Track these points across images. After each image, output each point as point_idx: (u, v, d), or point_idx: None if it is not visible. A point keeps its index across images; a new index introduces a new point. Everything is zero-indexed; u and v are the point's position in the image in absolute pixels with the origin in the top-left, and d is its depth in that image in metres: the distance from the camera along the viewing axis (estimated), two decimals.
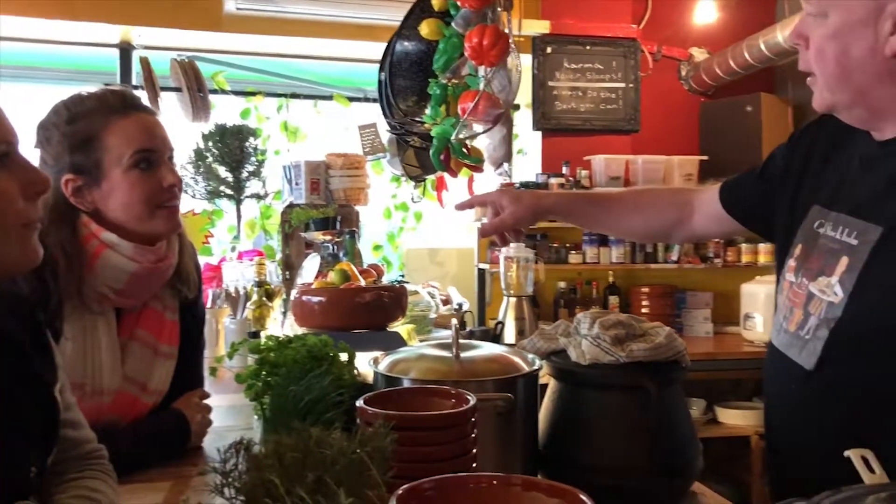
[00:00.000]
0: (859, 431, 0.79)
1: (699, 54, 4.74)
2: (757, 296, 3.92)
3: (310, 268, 2.75)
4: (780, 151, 1.31)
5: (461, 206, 1.58)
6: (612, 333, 1.28)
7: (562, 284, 4.31)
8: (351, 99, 4.53)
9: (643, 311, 4.22)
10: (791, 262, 1.17)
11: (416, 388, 1.08)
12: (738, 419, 3.86)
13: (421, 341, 2.26)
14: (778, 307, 1.20)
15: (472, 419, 0.96)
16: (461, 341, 1.25)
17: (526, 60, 4.31)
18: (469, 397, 0.98)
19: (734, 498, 1.83)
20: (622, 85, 4.49)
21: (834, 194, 1.14)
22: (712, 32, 4.67)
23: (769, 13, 4.85)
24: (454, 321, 1.34)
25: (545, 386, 1.35)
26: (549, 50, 4.39)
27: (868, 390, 1.01)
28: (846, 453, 0.68)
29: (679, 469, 1.22)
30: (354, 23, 4.16)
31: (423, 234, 4.83)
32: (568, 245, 4.27)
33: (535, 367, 1.25)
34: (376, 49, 3.98)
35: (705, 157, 4.36)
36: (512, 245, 3.17)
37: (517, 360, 1.27)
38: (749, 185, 1.37)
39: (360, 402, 0.94)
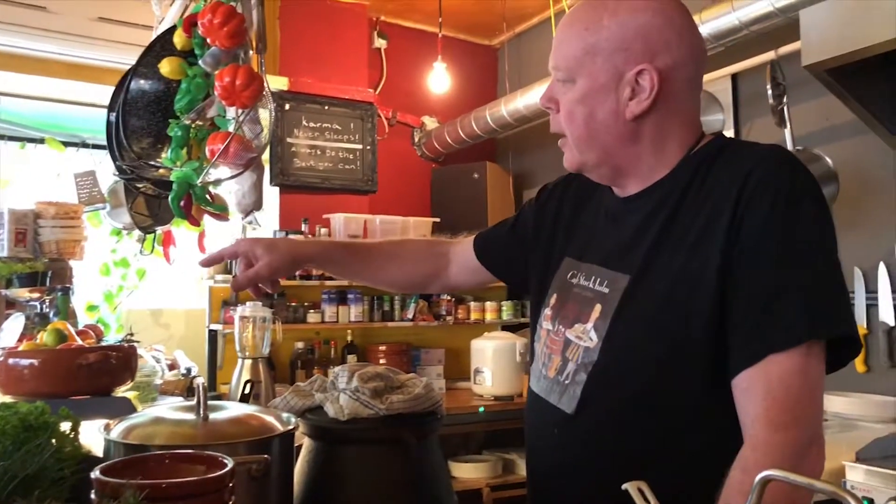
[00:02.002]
0: (620, 470, 0.82)
1: (431, 122, 5.01)
2: (485, 351, 4.12)
3: (11, 329, 2.40)
4: (530, 207, 1.38)
5: (207, 262, 1.45)
6: (372, 386, 1.25)
7: (299, 344, 4.20)
8: (66, 144, 4.12)
9: None
10: (547, 311, 1.22)
11: (161, 455, 0.94)
12: (471, 472, 3.98)
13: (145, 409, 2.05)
14: (536, 355, 1.24)
15: (231, 484, 0.86)
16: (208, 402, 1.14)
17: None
18: (225, 461, 0.88)
19: None
20: (360, 146, 4.58)
21: (584, 247, 1.21)
22: (443, 103, 4.97)
23: (492, 89, 5.30)
24: (200, 380, 1.21)
25: (299, 446, 1.27)
26: (287, 107, 4.36)
27: (626, 429, 1.06)
28: (624, 486, 0.70)
29: None
30: (70, 61, 3.81)
31: (147, 294, 4.48)
32: (306, 304, 4.19)
33: (291, 427, 1.17)
34: (98, 92, 3.69)
35: (437, 219, 4.57)
36: (248, 304, 3.04)
37: (270, 419, 1.18)
38: (501, 238, 1.43)
39: (96, 473, 0.79)
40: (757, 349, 0.95)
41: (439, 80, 4.62)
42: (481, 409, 3.99)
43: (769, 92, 2.92)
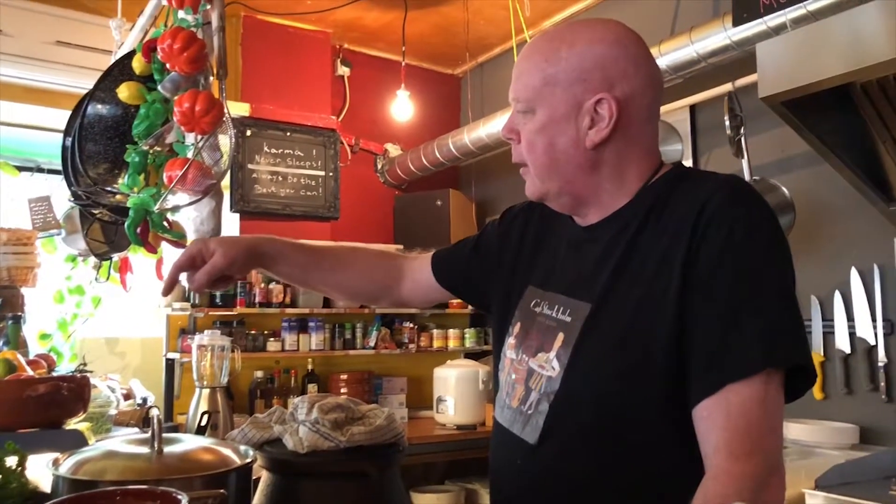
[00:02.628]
0: (583, 500, 0.81)
1: (394, 150, 5.02)
2: (448, 379, 4.09)
3: None
4: (493, 229, 1.38)
5: (168, 288, 1.35)
6: (332, 417, 1.23)
7: (259, 373, 4.13)
8: (20, 168, 4.03)
9: None
10: (511, 340, 1.21)
11: (111, 491, 0.91)
12: (433, 503, 3.94)
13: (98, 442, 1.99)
14: (500, 385, 1.22)
15: None
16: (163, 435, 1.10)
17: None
18: (179, 497, 0.86)
19: None
20: (322, 173, 4.56)
21: (547, 275, 1.20)
22: (406, 131, 4.98)
23: (455, 117, 5.33)
24: (155, 411, 1.18)
25: (257, 479, 1.24)
26: (249, 132, 4.33)
27: (588, 459, 1.05)
28: None
29: None
30: (27, 85, 3.74)
31: (102, 322, 4.38)
32: (266, 332, 4.13)
33: (249, 460, 1.14)
34: (54, 116, 3.63)
35: (400, 246, 4.55)
36: (206, 332, 2.99)
37: (227, 452, 1.16)
38: (461, 258, 1.41)
39: None
40: (715, 378, 0.95)
41: (402, 107, 4.64)
42: None
43: (727, 123, 2.97)
